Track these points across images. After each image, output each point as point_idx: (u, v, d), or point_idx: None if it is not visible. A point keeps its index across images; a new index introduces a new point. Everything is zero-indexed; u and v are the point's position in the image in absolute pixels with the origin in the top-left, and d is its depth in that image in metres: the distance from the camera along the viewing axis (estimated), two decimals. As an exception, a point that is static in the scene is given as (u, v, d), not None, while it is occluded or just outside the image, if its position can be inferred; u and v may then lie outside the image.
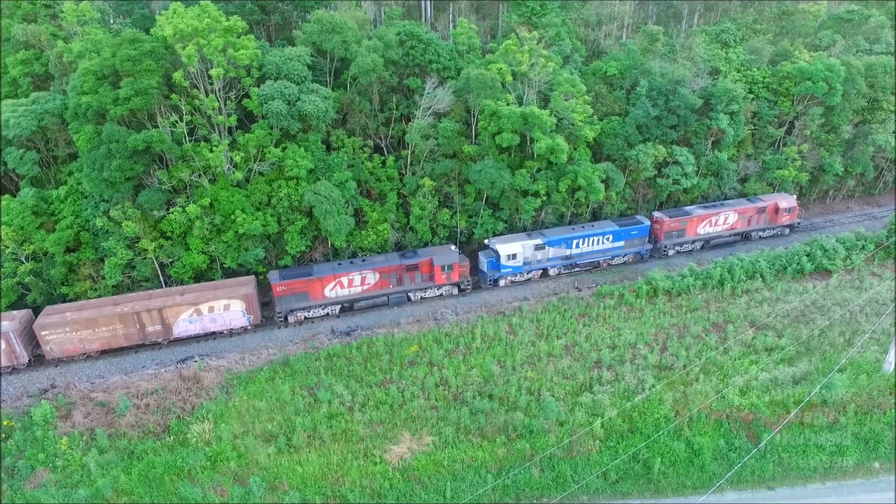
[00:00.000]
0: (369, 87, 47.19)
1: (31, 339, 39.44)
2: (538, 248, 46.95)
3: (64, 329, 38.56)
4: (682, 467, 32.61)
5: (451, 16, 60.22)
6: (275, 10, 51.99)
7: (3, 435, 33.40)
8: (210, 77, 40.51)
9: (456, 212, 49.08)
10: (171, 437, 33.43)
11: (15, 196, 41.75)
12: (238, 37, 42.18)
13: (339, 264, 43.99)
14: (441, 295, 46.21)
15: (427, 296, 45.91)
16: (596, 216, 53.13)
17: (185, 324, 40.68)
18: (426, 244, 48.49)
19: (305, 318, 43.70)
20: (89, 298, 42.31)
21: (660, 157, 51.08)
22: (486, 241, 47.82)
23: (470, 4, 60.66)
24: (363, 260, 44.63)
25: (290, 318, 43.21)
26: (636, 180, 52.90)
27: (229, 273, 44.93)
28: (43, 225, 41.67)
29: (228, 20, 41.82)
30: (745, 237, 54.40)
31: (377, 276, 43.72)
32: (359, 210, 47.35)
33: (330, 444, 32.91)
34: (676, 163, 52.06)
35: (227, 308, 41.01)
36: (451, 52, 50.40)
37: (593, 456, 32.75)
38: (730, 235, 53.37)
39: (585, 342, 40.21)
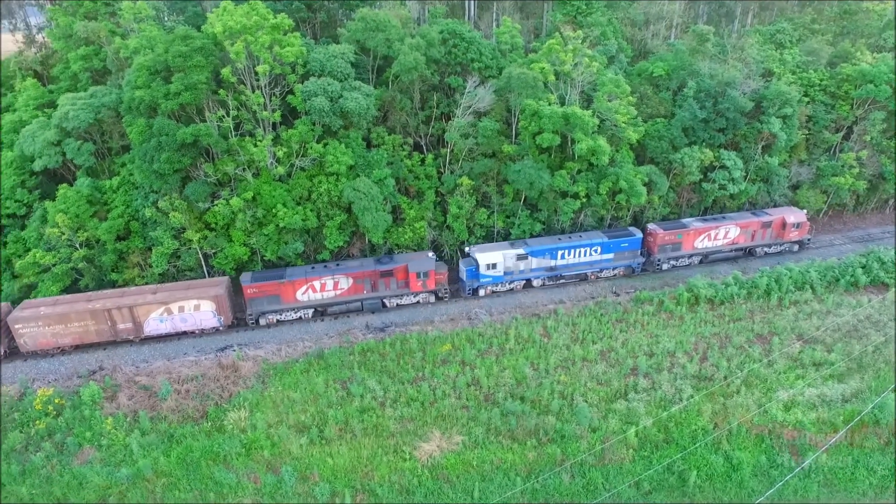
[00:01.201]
0: (411, 85, 47.40)
1: (7, 331, 40.16)
2: (520, 257, 45.22)
3: (37, 323, 39.16)
4: (720, 482, 31.53)
5: (494, 14, 59.89)
6: (321, 8, 52.78)
7: (53, 412, 35.02)
8: (256, 73, 41.44)
9: (493, 212, 48.81)
10: (209, 423, 34.38)
11: (72, 185, 43.71)
12: (284, 34, 43.00)
13: (313, 268, 43.27)
14: (418, 302, 45.09)
15: (403, 303, 44.89)
16: (637, 220, 51.94)
17: (155, 322, 40.83)
18: (462, 243, 48.40)
19: (278, 321, 43.35)
20: (137, 285, 43.92)
21: (706, 161, 49.54)
22: (466, 248, 46.63)
23: (514, 3, 60.20)
24: (337, 264, 43.77)
25: (262, 321, 42.87)
26: (680, 184, 51.46)
27: (269, 265, 45.88)
28: (96, 213, 43.50)
29: (276, 18, 42.70)
30: (748, 253, 51.36)
31: (350, 281, 42.94)
32: (396, 207, 47.64)
33: (361, 438, 33.23)
34: (723, 167, 50.39)
35: (197, 308, 40.88)
36: (493, 51, 50.14)
37: (626, 465, 32.02)
38: (731, 251, 50.24)
39: (622, 348, 39.37)
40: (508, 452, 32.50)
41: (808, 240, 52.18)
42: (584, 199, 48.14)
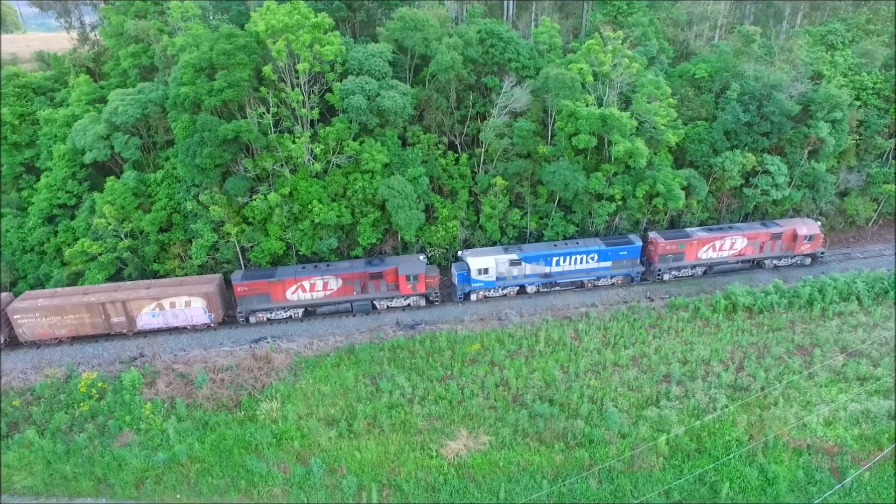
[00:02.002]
0: (447, 84, 47.55)
1: (7, 322, 41.48)
2: (513, 263, 44.29)
3: (35, 314, 40.43)
4: (753, 495, 30.63)
5: (533, 14, 59.53)
6: (360, 7, 53.41)
7: (97, 395, 36.45)
8: (296, 71, 42.25)
9: (527, 212, 48.55)
10: (242, 413, 35.23)
11: (119, 178, 45.41)
12: (324, 33, 43.69)
13: (303, 268, 43.33)
14: (409, 305, 44.75)
15: (394, 305, 44.65)
16: (674, 224, 50.87)
17: (148, 317, 41.63)
18: (494, 243, 48.30)
19: (268, 319, 43.72)
20: (177, 276, 45.31)
21: (748, 166, 48.17)
22: (459, 252, 45.99)
23: (553, 3, 59.71)
24: (327, 265, 43.73)
25: (252, 319, 43.29)
26: (720, 189, 50.17)
27: (303, 259, 46.71)
28: (141, 205, 45.09)
29: (316, 17, 43.44)
30: (756, 265, 49.27)
31: (340, 282, 42.89)
32: (430, 206, 47.86)
33: (388, 434, 33.52)
34: (766, 172, 48.90)
35: (188, 305, 41.53)
36: (530, 51, 49.85)
37: (656, 473, 31.41)
38: (737, 262, 48.19)
39: (654, 354, 38.63)
40: (535, 455, 32.29)
41: (822, 253, 49.50)
42: (620, 202, 47.42)
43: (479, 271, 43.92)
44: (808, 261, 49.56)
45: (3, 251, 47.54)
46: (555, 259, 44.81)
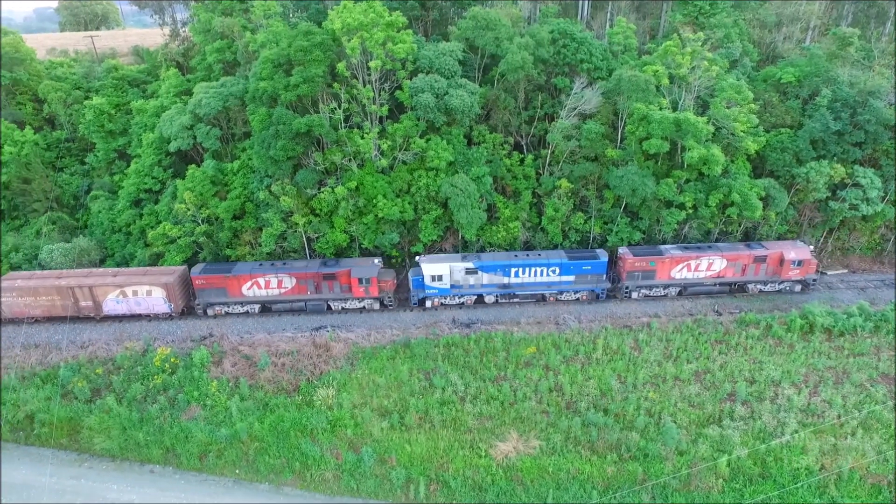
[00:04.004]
0: (516, 84, 47.23)
1: None
2: (469, 272, 43.34)
3: (12, 294, 43.17)
4: (822, 529, 28.69)
5: (608, 14, 58.08)
6: (434, 6, 53.95)
7: (169, 369, 38.81)
8: (369, 68, 43.24)
9: (591, 217, 47.49)
10: (300, 397, 36.52)
11: (199, 166, 48.09)
12: (398, 31, 44.47)
13: (260, 265, 44.12)
14: (363, 308, 44.80)
15: (348, 307, 44.75)
16: (749, 236, 48.28)
17: (112, 303, 43.50)
18: (556, 246, 47.59)
19: (226, 312, 44.55)
20: (246, 261, 47.45)
21: (836, 178, 44.98)
22: (417, 258, 45.22)
23: (630, 3, 58.05)
24: (284, 263, 44.49)
25: (210, 311, 44.37)
26: (802, 201, 47.09)
27: (365, 252, 47.75)
28: (217, 193, 47.55)
29: (391, 15, 44.27)
30: (739, 288, 45.76)
31: (294, 280, 43.42)
32: (492, 206, 47.74)
33: (439, 430, 33.77)
34: (857, 185, 45.48)
35: (149, 294, 43.07)
36: (604, 52, 48.70)
37: (714, 495, 30.02)
38: (714, 284, 45.00)
39: (719, 371, 36.88)
40: (586, 464, 31.61)
41: (814, 280, 45.39)
42: (691, 211, 45.52)
43: (433, 278, 43.45)
44: (798, 288, 45.60)
45: (94, 231, 51.46)
46: (513, 270, 43.67)
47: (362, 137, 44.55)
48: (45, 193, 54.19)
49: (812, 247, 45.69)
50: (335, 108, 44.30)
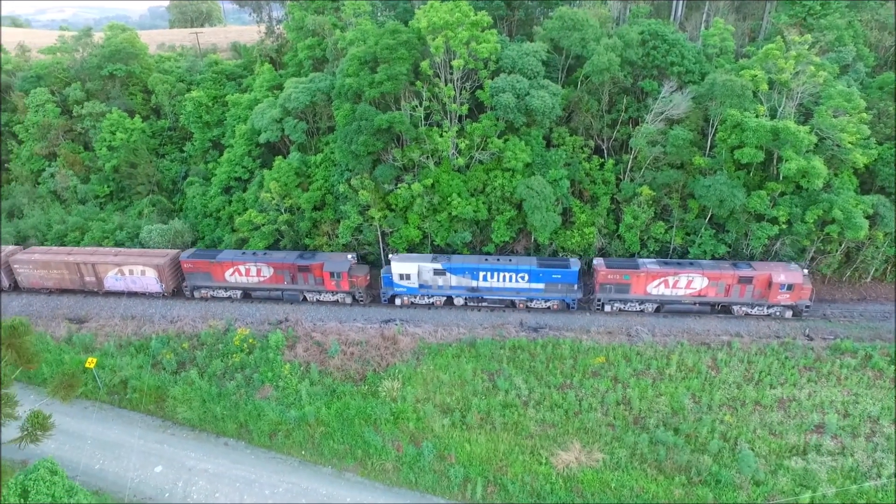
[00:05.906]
0: (600, 86, 45.94)
1: (9, 269, 49.47)
2: (438, 273, 43.42)
3: (28, 266, 48.19)
4: (918, 586, 25.95)
5: (705, 15, 55.16)
6: (520, 6, 53.49)
7: (247, 349, 40.91)
8: (451, 67, 43.52)
9: (672, 226, 45.43)
10: (366, 387, 37.40)
11: (285, 158, 50.33)
12: (482, 31, 44.47)
13: (243, 253, 46.67)
14: (337, 301, 46.13)
15: (323, 299, 46.20)
16: (850, 257, 44.44)
17: (112, 280, 47.37)
18: (633, 255, 45.92)
19: (212, 296, 47.31)
20: (323, 251, 49.15)
21: (959, 197, 40.50)
22: (390, 256, 45.40)
23: (730, 3, 54.85)
24: (264, 254, 46.52)
25: (196, 294, 47.31)
26: (917, 221, 42.74)
27: (437, 250, 48.16)
28: (300, 184, 49.59)
29: (476, 15, 44.31)
30: (724, 309, 42.79)
31: (272, 270, 45.48)
32: (568, 210, 46.75)
33: (500, 432, 33.51)
34: (984, 207, 40.74)
35: (143, 274, 46.76)
36: (697, 55, 46.37)
37: (793, 533, 27.90)
38: (694, 303, 42.60)
39: (807, 400, 34.22)
40: (652, 483, 30.29)
41: (807, 306, 41.64)
42: (784, 226, 42.48)
43: (401, 276, 44.15)
44: (789, 314, 41.95)
45: (188, 214, 55.16)
46: (482, 273, 43.55)
47: (441, 135, 44.93)
48: (148, 178, 58.71)
49: (806, 270, 42.06)
50: (416, 106, 44.94)
